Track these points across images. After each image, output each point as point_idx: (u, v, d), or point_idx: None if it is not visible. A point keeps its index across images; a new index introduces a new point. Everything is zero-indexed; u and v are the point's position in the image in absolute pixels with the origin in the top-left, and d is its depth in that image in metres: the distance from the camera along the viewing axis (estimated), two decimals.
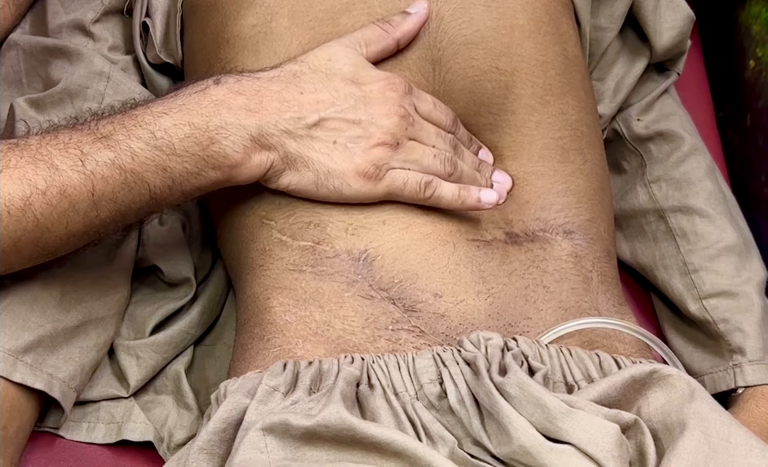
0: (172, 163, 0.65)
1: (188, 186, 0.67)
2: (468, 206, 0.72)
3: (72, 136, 0.64)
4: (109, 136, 0.64)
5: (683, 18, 0.90)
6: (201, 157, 0.66)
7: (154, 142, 0.65)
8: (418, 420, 0.62)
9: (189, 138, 0.65)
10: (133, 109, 0.67)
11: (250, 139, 0.67)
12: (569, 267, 0.73)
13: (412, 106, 0.72)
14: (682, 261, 0.86)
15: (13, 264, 0.66)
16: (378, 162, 0.69)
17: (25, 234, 0.63)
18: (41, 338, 0.70)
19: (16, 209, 0.62)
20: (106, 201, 0.64)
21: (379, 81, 0.71)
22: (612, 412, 0.60)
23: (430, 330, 0.68)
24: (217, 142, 0.66)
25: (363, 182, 0.69)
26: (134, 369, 0.77)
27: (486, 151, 0.78)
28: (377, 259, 0.69)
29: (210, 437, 0.61)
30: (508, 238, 0.73)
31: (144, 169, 0.65)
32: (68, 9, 0.86)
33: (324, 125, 0.69)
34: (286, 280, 0.70)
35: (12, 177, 0.62)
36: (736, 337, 0.81)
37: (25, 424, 0.70)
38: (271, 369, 0.64)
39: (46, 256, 0.67)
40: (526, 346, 0.66)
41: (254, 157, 0.67)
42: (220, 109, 0.66)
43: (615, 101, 0.91)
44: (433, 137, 0.73)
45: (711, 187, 0.88)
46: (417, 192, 0.71)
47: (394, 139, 0.70)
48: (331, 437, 0.58)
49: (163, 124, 0.65)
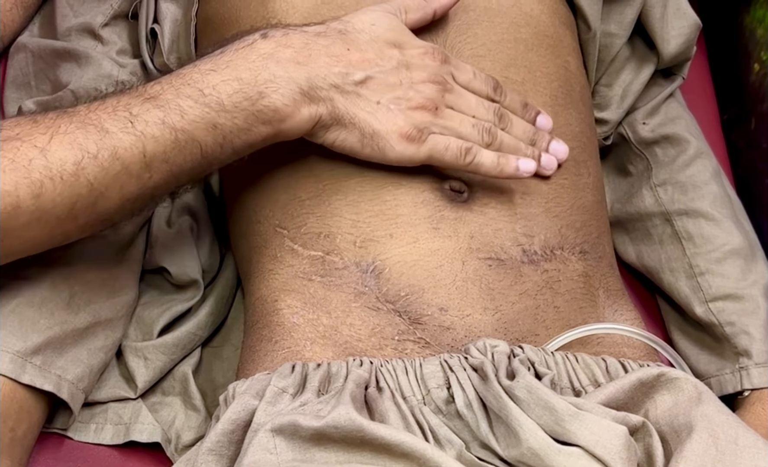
0: (222, 120, 0.65)
1: (239, 142, 0.67)
2: (506, 174, 0.72)
3: (120, 99, 0.64)
4: (157, 95, 0.64)
5: (690, 25, 0.91)
6: (251, 112, 0.66)
7: (202, 100, 0.64)
8: (426, 423, 0.62)
9: (238, 93, 0.65)
10: (180, 67, 0.67)
11: (299, 92, 0.66)
12: (579, 288, 0.73)
13: (450, 75, 0.73)
14: (688, 264, 0.86)
15: (71, 233, 0.65)
16: (419, 125, 0.69)
17: (80, 199, 0.62)
18: (50, 340, 0.70)
19: (69, 174, 0.61)
20: (158, 162, 0.64)
21: (419, 48, 0.72)
22: (620, 415, 0.60)
23: (436, 341, 0.68)
24: (266, 95, 0.66)
25: (406, 145, 0.69)
26: (142, 370, 0.77)
27: (545, 117, 0.77)
28: (384, 272, 0.69)
29: (219, 438, 0.62)
30: (524, 257, 0.72)
31: (194, 127, 0.64)
32: (77, 12, 0.86)
33: (369, 84, 0.69)
34: (295, 284, 0.71)
35: (62, 142, 0.61)
36: (743, 340, 0.81)
37: (34, 425, 0.71)
38: (280, 371, 0.65)
39: (103, 223, 0.67)
40: (532, 353, 0.66)
41: (303, 110, 0.67)
42: (269, 63, 0.66)
43: (622, 107, 0.91)
44: (474, 106, 0.73)
45: (717, 190, 0.88)
46: (457, 157, 0.70)
47: (432, 104, 0.70)
48: (341, 438, 0.58)
49: (211, 80, 0.65)
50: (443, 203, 0.71)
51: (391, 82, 0.70)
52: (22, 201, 0.60)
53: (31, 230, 0.62)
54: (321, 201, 0.72)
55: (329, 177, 0.72)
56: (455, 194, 0.72)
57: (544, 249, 0.73)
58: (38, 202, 0.61)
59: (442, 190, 0.72)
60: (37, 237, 0.63)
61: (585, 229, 0.76)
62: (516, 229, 0.72)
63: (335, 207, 0.71)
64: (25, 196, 0.60)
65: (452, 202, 0.72)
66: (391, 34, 0.71)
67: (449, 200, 0.72)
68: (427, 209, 0.71)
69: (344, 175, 0.72)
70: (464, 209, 0.71)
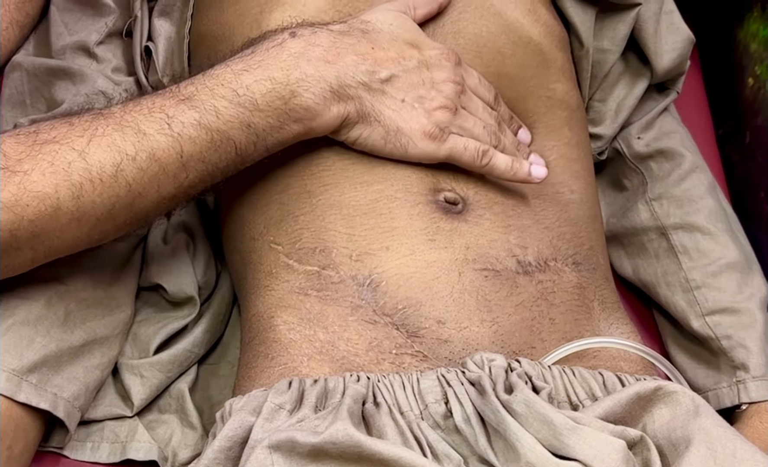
0: (256, 119, 0.66)
1: (272, 140, 0.68)
2: (519, 178, 0.74)
3: (155, 101, 0.65)
4: (192, 96, 0.65)
5: (683, 40, 0.91)
6: (283, 111, 0.67)
7: (237, 100, 0.66)
8: (423, 438, 0.62)
9: (271, 93, 0.66)
10: (211, 68, 0.68)
11: (329, 90, 0.68)
12: (574, 299, 0.73)
13: (461, 77, 0.74)
14: (684, 278, 0.86)
15: (109, 232, 0.67)
16: (441, 124, 0.71)
17: (118, 200, 0.64)
18: (46, 358, 0.70)
19: (108, 176, 0.62)
20: (194, 162, 0.65)
21: (436, 49, 0.74)
22: (618, 428, 0.60)
23: (434, 354, 0.68)
24: (298, 94, 0.67)
25: (428, 142, 0.71)
26: (138, 388, 0.77)
27: (525, 131, 0.80)
28: (381, 285, 0.69)
29: (216, 455, 0.61)
30: (519, 267, 0.72)
31: (229, 126, 0.66)
32: (72, 31, 0.86)
33: (394, 82, 0.70)
34: (291, 300, 0.70)
35: (101, 145, 0.62)
36: (739, 354, 0.81)
37: (30, 444, 0.70)
38: (277, 387, 0.64)
39: (139, 222, 0.68)
40: (529, 367, 0.66)
41: (333, 109, 0.69)
42: (300, 62, 0.67)
43: (616, 122, 0.92)
44: (480, 110, 0.75)
45: (712, 204, 0.89)
46: (475, 158, 0.72)
47: (453, 104, 0.72)
48: (339, 454, 0.58)
49: (245, 80, 0.66)
50: (438, 215, 0.71)
51: (414, 81, 0.71)
52: (63, 203, 0.61)
53: (71, 231, 0.63)
54: (315, 216, 0.72)
55: (322, 192, 0.72)
56: (450, 206, 0.72)
57: (537, 259, 0.73)
58: (78, 203, 0.62)
59: (436, 201, 0.72)
60: (76, 237, 0.65)
61: (575, 240, 0.76)
62: (510, 240, 0.72)
63: (330, 221, 0.71)
64: (66, 198, 0.61)
65: (447, 214, 0.72)
66: (410, 35, 0.73)
67: (444, 212, 0.72)
68: (423, 221, 0.71)
69: (338, 191, 0.72)
70: (459, 220, 0.72)
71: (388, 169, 0.72)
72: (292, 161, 0.73)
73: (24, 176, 0.61)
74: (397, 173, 0.72)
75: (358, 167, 0.72)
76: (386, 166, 0.72)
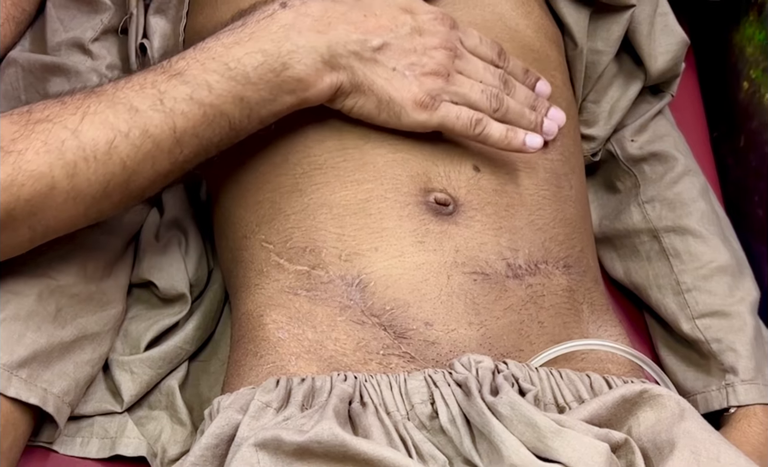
0: (248, 92, 0.66)
1: (265, 112, 0.68)
2: (513, 147, 0.73)
3: (146, 77, 0.66)
4: (183, 71, 0.65)
5: (677, 42, 0.91)
6: (276, 83, 0.67)
7: (228, 74, 0.66)
8: (409, 438, 0.62)
9: (262, 65, 0.66)
10: (202, 42, 0.68)
11: (321, 61, 0.68)
12: (563, 302, 0.73)
13: (458, 40, 0.74)
14: (675, 281, 0.86)
15: (105, 210, 0.67)
16: (432, 92, 0.71)
17: (114, 178, 0.64)
18: (36, 353, 0.70)
19: (102, 154, 0.63)
20: (188, 137, 0.66)
21: (430, 13, 0.73)
22: (602, 431, 0.61)
23: (421, 356, 0.68)
24: (290, 66, 0.67)
25: (419, 111, 0.70)
26: (128, 384, 0.77)
27: (544, 82, 0.79)
28: (369, 286, 0.69)
29: (203, 452, 0.62)
30: (509, 271, 0.72)
31: (222, 101, 0.66)
32: (68, 27, 0.86)
33: (386, 50, 0.70)
34: (280, 299, 0.71)
35: (93, 122, 0.63)
36: (729, 357, 0.81)
37: (19, 439, 0.71)
38: (264, 385, 0.65)
39: (135, 199, 0.68)
40: (516, 369, 0.66)
41: (325, 78, 0.69)
42: (290, 33, 0.67)
43: (609, 124, 0.92)
44: (481, 71, 0.74)
45: (704, 208, 0.89)
46: (467, 127, 0.72)
47: (445, 69, 0.71)
48: (323, 453, 0.58)
49: (236, 54, 0.66)
50: (428, 216, 0.71)
51: (406, 48, 0.71)
52: (58, 181, 0.62)
53: (66, 210, 0.64)
54: (306, 215, 0.72)
55: (314, 190, 0.72)
56: (440, 207, 0.72)
57: (528, 263, 0.73)
58: (73, 182, 0.62)
59: (427, 203, 0.72)
60: (72, 216, 0.65)
61: (568, 242, 0.76)
62: (501, 243, 0.72)
63: (320, 221, 0.71)
64: (60, 177, 0.62)
65: (437, 216, 0.72)
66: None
67: (434, 213, 0.72)
68: (413, 222, 0.71)
69: (329, 189, 0.72)
70: (449, 223, 0.71)
71: (379, 167, 0.72)
72: (284, 159, 0.73)
73: (18, 156, 0.61)
74: (387, 172, 0.72)
75: (349, 164, 0.72)
76: (377, 163, 0.72)
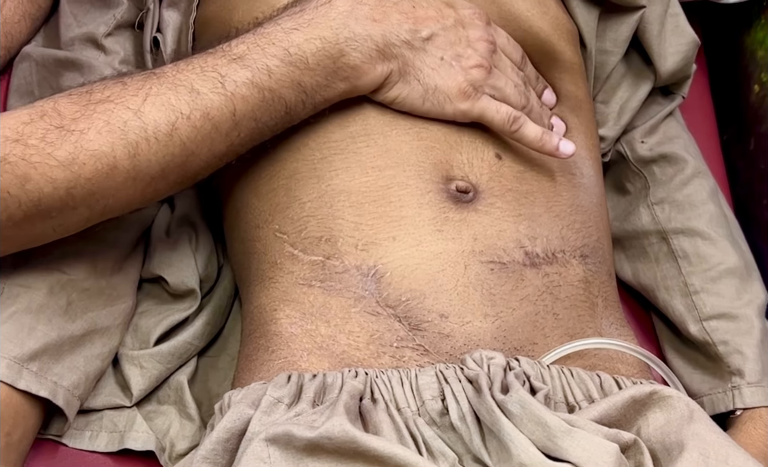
0: (306, 78, 0.68)
1: (319, 98, 0.69)
2: (547, 150, 0.74)
3: (206, 60, 0.66)
4: (244, 55, 0.66)
5: (688, 43, 0.91)
6: (332, 70, 0.68)
7: (288, 59, 0.67)
8: (419, 435, 0.62)
9: (321, 51, 0.67)
10: (260, 26, 0.69)
11: (375, 49, 0.69)
12: (579, 294, 0.73)
13: (493, 35, 0.75)
14: (683, 283, 0.86)
15: (161, 191, 0.68)
16: (475, 83, 0.72)
17: (173, 159, 0.65)
18: (47, 346, 0.70)
19: (163, 135, 0.63)
20: (246, 120, 0.67)
21: (469, 8, 0.75)
22: (612, 432, 0.61)
23: (435, 349, 0.67)
24: (346, 53, 0.68)
25: (463, 100, 0.72)
26: (138, 378, 0.77)
27: (550, 92, 0.81)
28: (385, 276, 0.69)
29: (213, 446, 0.62)
30: (526, 259, 0.71)
31: (280, 85, 0.67)
32: (81, 22, 0.87)
33: (434, 40, 0.72)
34: (294, 294, 0.70)
35: (155, 104, 0.63)
36: (736, 359, 0.81)
37: (29, 431, 0.71)
38: (276, 381, 0.65)
39: (189, 180, 0.69)
40: (528, 366, 0.66)
41: (378, 67, 0.70)
42: (348, 20, 0.68)
43: (619, 124, 0.92)
44: (509, 70, 0.76)
45: (713, 210, 0.89)
46: (505, 122, 0.73)
47: (488, 62, 0.73)
48: (334, 449, 0.58)
49: (295, 39, 0.67)
50: (448, 204, 0.71)
51: (452, 40, 0.72)
52: (119, 161, 0.62)
53: (126, 189, 0.64)
54: (323, 203, 0.71)
55: (333, 176, 0.72)
56: (461, 194, 0.72)
57: (545, 251, 0.73)
58: (134, 162, 0.63)
59: (447, 190, 0.72)
60: (130, 196, 0.66)
61: (585, 230, 0.76)
62: (520, 230, 0.72)
63: (337, 208, 0.71)
64: (122, 157, 0.62)
65: (457, 203, 0.71)
66: None
67: (454, 201, 0.71)
68: (432, 210, 0.71)
69: (348, 176, 0.71)
70: (469, 210, 0.71)
71: (403, 153, 0.72)
72: (303, 143, 0.73)
73: (80, 135, 0.61)
74: (411, 158, 0.72)
75: (371, 150, 0.72)
76: (401, 150, 0.72)
